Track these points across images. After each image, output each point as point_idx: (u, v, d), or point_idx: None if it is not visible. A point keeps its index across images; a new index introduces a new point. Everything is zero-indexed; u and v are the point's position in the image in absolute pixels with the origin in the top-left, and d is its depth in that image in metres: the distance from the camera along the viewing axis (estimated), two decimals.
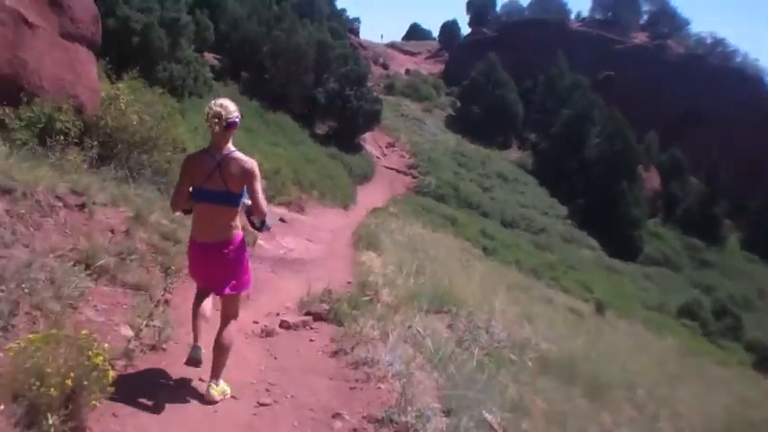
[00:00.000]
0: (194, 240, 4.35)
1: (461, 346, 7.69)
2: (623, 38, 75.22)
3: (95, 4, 10.79)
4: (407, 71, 77.33)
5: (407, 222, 23.95)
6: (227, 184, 4.11)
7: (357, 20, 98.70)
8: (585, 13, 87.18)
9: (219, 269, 4.31)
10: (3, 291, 4.01)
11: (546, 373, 9.02)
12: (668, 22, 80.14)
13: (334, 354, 5.71)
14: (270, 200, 18.53)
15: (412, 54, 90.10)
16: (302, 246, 12.60)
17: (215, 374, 4.31)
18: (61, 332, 3.37)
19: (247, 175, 4.15)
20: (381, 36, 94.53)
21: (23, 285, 4.10)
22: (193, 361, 4.24)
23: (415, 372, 5.40)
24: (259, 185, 4.23)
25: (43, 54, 8.21)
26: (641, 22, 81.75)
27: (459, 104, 65.91)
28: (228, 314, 4.47)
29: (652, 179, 58.94)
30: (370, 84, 49.88)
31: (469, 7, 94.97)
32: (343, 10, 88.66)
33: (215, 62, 45.81)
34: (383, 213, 25.21)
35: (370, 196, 33.99)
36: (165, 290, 6.00)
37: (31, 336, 3.24)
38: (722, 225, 56.54)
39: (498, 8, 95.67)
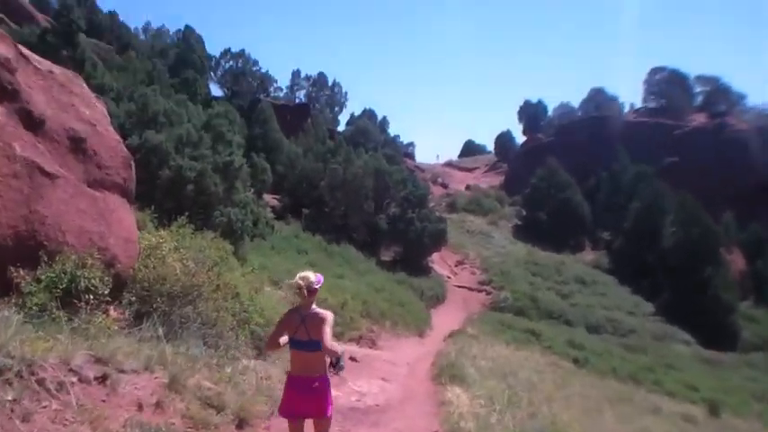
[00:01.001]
0: (292, 376, 5.33)
1: None
2: (681, 122, 73.69)
3: (140, 153, 10.20)
4: (467, 187, 77.15)
5: (489, 343, 22.37)
6: (310, 334, 5.19)
7: (411, 144, 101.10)
8: (639, 104, 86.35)
9: (313, 398, 5.25)
10: None
11: None
12: (724, 99, 78.32)
13: None
14: (339, 336, 17.26)
15: (469, 170, 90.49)
16: (376, 387, 11.08)
17: None
18: None
19: (321, 322, 5.17)
20: (437, 156, 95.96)
21: None
22: None
23: None
24: (328, 329, 5.15)
25: (66, 206, 7.37)
26: (696, 104, 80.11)
27: (524, 213, 64.66)
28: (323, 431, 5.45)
29: (736, 261, 55.21)
30: (431, 204, 49.44)
31: (521, 115, 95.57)
32: (397, 136, 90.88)
33: (275, 202, 46.34)
34: (462, 336, 23.56)
35: (446, 318, 32.53)
36: None
37: None
38: None
39: (550, 112, 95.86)
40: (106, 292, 7.28)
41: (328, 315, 5.27)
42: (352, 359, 13.83)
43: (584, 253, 59.85)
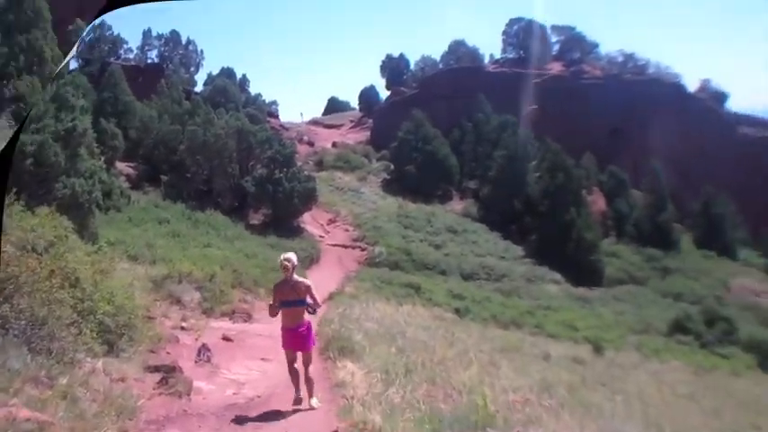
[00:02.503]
0: (285, 327, 7.87)
1: None
2: (540, 71, 75.66)
3: None
4: (334, 144, 75.59)
5: (370, 301, 21.53)
6: (299, 295, 7.75)
7: (275, 103, 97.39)
8: (498, 55, 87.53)
9: (300, 339, 7.83)
10: None
11: None
12: (578, 47, 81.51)
13: None
14: (209, 312, 15.62)
15: (335, 127, 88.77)
16: (257, 372, 9.65)
17: (311, 395, 7.70)
18: None
19: (307, 288, 7.84)
20: (301, 115, 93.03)
21: None
22: (298, 401, 7.65)
23: None
24: (314, 290, 7.92)
25: None
26: (553, 53, 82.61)
27: (392, 167, 64.30)
28: (308, 362, 7.89)
29: (597, 201, 58.29)
30: (299, 163, 47.86)
31: (384, 70, 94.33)
32: (259, 95, 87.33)
33: (130, 171, 43.08)
34: (342, 297, 22.58)
35: (322, 279, 31.34)
36: None
37: None
38: (673, 230, 56.38)
39: (412, 65, 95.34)
40: None
41: (309, 282, 8.04)
42: (226, 339, 12.29)
43: (453, 203, 60.39)
